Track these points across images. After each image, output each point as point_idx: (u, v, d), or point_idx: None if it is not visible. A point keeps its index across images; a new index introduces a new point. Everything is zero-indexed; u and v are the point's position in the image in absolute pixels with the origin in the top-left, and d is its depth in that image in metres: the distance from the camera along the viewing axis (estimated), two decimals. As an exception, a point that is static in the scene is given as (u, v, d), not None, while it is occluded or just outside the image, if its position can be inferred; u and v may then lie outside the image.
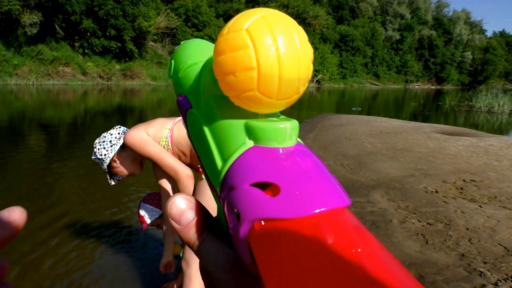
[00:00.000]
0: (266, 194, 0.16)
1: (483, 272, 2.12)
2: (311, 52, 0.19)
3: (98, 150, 1.58)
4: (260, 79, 0.17)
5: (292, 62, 0.17)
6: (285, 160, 0.18)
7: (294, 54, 0.17)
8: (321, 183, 0.17)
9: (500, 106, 14.49)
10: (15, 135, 6.60)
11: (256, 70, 0.17)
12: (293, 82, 0.18)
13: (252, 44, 0.17)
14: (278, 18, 0.18)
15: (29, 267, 2.21)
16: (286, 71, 0.17)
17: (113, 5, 21.89)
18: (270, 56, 0.17)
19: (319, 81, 37.04)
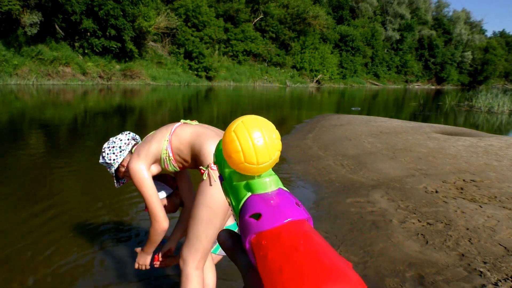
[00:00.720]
0: (255, 220, 0.30)
1: (483, 272, 2.12)
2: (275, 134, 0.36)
3: (107, 155, 1.63)
4: (245, 156, 0.33)
5: (261, 147, 0.33)
6: (266, 199, 0.33)
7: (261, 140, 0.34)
8: (285, 208, 0.31)
9: (500, 106, 14.49)
10: (15, 135, 6.60)
11: (241, 152, 0.32)
12: (264, 154, 0.34)
13: (237, 139, 0.33)
14: (252, 121, 0.35)
15: (29, 266, 2.20)
16: (258, 149, 0.33)
17: (113, 5, 21.87)
18: (248, 143, 0.33)
19: (319, 81, 37.03)
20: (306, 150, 5.84)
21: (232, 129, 0.35)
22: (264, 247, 0.28)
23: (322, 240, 0.26)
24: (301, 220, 0.31)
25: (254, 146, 0.34)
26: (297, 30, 36.13)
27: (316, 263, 0.25)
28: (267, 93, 23.16)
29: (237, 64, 32.25)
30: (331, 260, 0.25)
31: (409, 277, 2.13)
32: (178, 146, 1.50)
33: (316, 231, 0.29)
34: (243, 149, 0.34)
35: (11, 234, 2.65)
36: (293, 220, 0.31)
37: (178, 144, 1.50)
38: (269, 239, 0.29)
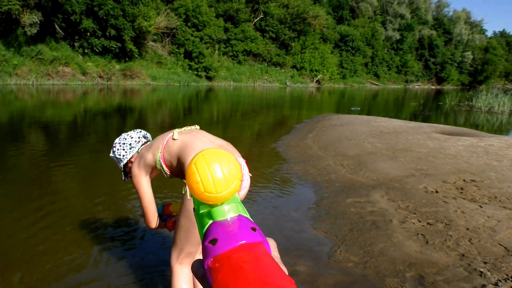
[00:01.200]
0: (212, 245, 0.34)
1: (483, 272, 2.12)
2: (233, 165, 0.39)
3: (118, 150, 1.69)
4: (204, 186, 0.36)
5: (218, 175, 0.37)
6: (224, 226, 0.36)
7: (219, 171, 0.37)
8: (239, 233, 0.34)
9: (500, 106, 14.49)
10: (15, 135, 6.59)
11: (200, 183, 0.36)
12: (222, 184, 0.37)
13: (197, 170, 0.37)
14: (211, 154, 0.39)
15: (29, 265, 2.20)
16: (216, 179, 0.36)
17: (113, 5, 21.86)
18: (206, 174, 0.37)
19: (319, 81, 37.02)
20: (306, 150, 5.83)
21: (193, 162, 0.38)
22: (216, 270, 0.31)
23: (270, 260, 0.31)
24: (253, 243, 0.33)
25: (212, 177, 0.37)
26: (297, 30, 36.11)
27: (258, 280, 0.28)
28: (267, 93, 23.16)
29: (237, 64, 32.23)
30: (273, 278, 0.28)
31: (409, 277, 2.13)
32: (169, 159, 1.55)
33: (267, 253, 0.33)
34: (202, 180, 0.37)
35: (10, 231, 2.64)
36: (245, 243, 0.33)
37: (169, 156, 1.55)
38: (221, 261, 0.32)
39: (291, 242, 2.60)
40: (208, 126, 8.74)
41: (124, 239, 2.64)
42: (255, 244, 0.34)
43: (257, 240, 0.34)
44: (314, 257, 2.40)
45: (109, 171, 4.50)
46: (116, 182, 4.06)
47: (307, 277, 2.16)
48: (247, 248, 0.33)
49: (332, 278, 2.15)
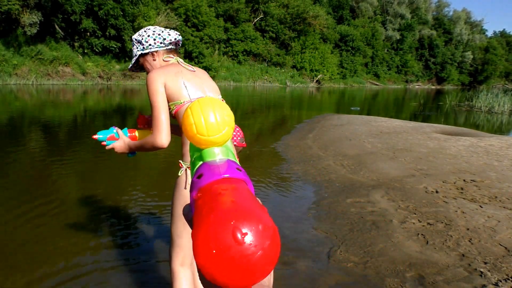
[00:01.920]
0: (198, 179, 0.36)
1: (483, 272, 2.11)
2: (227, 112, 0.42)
3: (147, 37, 1.49)
4: (196, 128, 0.39)
5: (210, 118, 0.40)
6: (211, 165, 0.38)
7: (212, 114, 0.40)
8: (223, 168, 0.36)
9: (500, 106, 14.48)
10: (15, 135, 6.59)
11: (193, 125, 0.37)
12: (214, 127, 0.40)
13: (191, 113, 0.40)
14: (206, 100, 0.42)
15: (28, 264, 2.20)
16: (209, 123, 0.37)
17: (113, 5, 21.85)
18: (199, 117, 0.39)
19: (319, 81, 37.01)
20: (306, 150, 5.83)
21: (189, 106, 0.41)
22: (197, 199, 0.33)
23: (248, 193, 0.34)
24: (235, 178, 0.36)
25: (205, 120, 0.39)
26: (297, 30, 36.09)
27: (233, 205, 0.29)
28: (267, 93, 23.16)
29: (237, 64, 32.21)
30: (249, 204, 0.30)
31: (409, 277, 2.12)
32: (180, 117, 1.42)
33: (247, 188, 0.35)
34: (195, 122, 0.39)
35: (10, 230, 2.64)
36: (228, 177, 0.35)
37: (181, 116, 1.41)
38: (203, 191, 0.34)
39: (291, 242, 2.60)
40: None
41: (124, 238, 2.64)
42: (237, 179, 0.35)
43: (240, 177, 0.35)
44: (314, 257, 2.40)
45: (109, 171, 4.50)
46: (116, 181, 4.06)
47: (307, 277, 2.15)
48: (229, 181, 0.34)
49: (332, 278, 2.14)
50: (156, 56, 1.51)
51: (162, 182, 4.05)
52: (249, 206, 0.30)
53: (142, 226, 2.86)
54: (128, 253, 2.44)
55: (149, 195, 3.56)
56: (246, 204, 0.30)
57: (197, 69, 1.56)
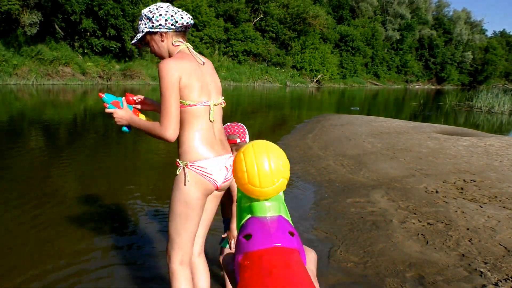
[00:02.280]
0: (245, 240, 0.36)
1: (483, 272, 2.11)
2: (282, 161, 0.41)
3: (159, 15, 1.42)
4: (248, 177, 0.34)
5: (265, 168, 0.34)
6: (261, 223, 0.38)
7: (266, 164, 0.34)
8: (275, 234, 0.33)
9: (500, 106, 14.48)
10: (15, 134, 6.59)
11: (245, 173, 0.34)
12: (268, 178, 0.35)
13: (244, 159, 0.35)
14: (261, 145, 0.34)
15: (29, 264, 2.20)
16: (261, 173, 0.34)
17: (113, 5, 21.83)
18: (253, 165, 0.33)
19: (319, 81, 37.00)
20: (306, 150, 5.83)
21: (242, 150, 0.39)
22: (245, 268, 0.30)
23: (302, 272, 0.29)
24: (288, 249, 0.32)
25: (258, 169, 0.37)
26: (297, 30, 36.07)
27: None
28: (267, 93, 23.16)
29: (237, 64, 32.20)
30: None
31: (409, 277, 2.12)
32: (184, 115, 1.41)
33: (301, 263, 0.31)
34: (248, 170, 0.38)
35: (9, 230, 2.64)
36: (279, 247, 0.32)
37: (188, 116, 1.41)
38: (251, 260, 0.30)
39: (291, 242, 2.60)
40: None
41: (123, 237, 2.64)
42: (290, 250, 0.33)
43: (293, 246, 0.33)
44: (314, 257, 2.40)
45: (108, 171, 4.50)
46: (116, 181, 4.06)
47: (307, 277, 2.15)
48: (281, 253, 0.32)
49: (332, 278, 2.15)
50: (165, 37, 1.46)
51: (162, 182, 4.05)
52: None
53: (142, 225, 2.86)
54: (128, 252, 2.44)
55: (149, 195, 3.56)
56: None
57: (205, 61, 1.53)
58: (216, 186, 1.44)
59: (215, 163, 1.41)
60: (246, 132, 1.86)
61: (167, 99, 1.35)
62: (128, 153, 5.73)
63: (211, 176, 1.40)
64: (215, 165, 1.41)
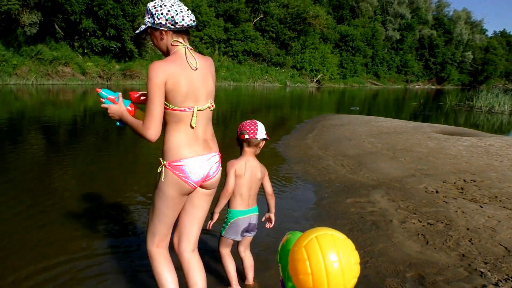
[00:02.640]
0: None
1: (483, 272, 2.11)
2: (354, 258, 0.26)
3: (161, 11, 1.44)
4: (314, 281, 0.23)
5: (335, 271, 0.22)
6: None
7: (337, 266, 0.22)
8: None
9: (500, 106, 14.48)
10: (15, 134, 6.59)
11: (310, 276, 0.23)
12: (338, 283, 0.23)
13: (307, 258, 0.23)
14: (327, 239, 0.26)
15: (29, 264, 2.20)
16: (332, 277, 0.22)
17: (113, 5, 21.82)
18: (320, 267, 0.22)
19: (319, 81, 36.99)
20: (306, 150, 5.83)
21: (303, 244, 0.28)
22: None
23: None
24: None
25: (327, 272, 0.28)
26: (297, 30, 36.07)
27: None
28: (267, 93, 23.16)
29: (237, 64, 32.19)
30: None
31: (409, 277, 2.12)
32: (169, 115, 1.48)
33: None
34: (314, 273, 0.27)
35: (9, 229, 2.64)
36: None
37: (172, 117, 1.48)
38: None
39: (291, 242, 2.60)
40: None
41: (123, 235, 2.64)
42: None
43: None
44: (314, 257, 2.39)
45: (108, 171, 4.50)
46: (115, 180, 4.06)
47: (307, 277, 2.15)
48: None
49: (332, 278, 2.14)
50: (165, 35, 1.49)
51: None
52: None
53: (141, 224, 2.86)
54: (127, 251, 2.43)
55: (149, 193, 3.56)
56: None
57: (202, 63, 1.53)
58: (193, 186, 1.52)
59: (192, 163, 1.48)
60: (258, 128, 1.91)
61: (152, 100, 1.40)
62: (128, 152, 5.73)
63: (187, 177, 1.48)
64: (192, 165, 1.48)
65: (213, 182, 1.60)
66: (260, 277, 2.13)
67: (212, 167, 1.56)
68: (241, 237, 1.97)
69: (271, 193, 2.02)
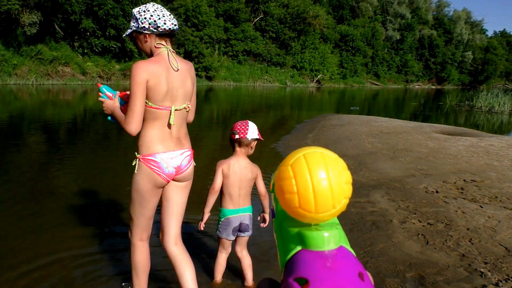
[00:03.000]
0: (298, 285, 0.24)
1: (483, 272, 2.11)
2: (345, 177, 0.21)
3: (145, 17, 1.54)
4: (300, 200, 0.21)
5: (323, 189, 0.20)
6: (319, 261, 0.24)
7: (325, 184, 0.20)
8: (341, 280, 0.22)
9: (500, 106, 14.47)
10: (15, 134, 6.59)
11: (296, 194, 0.21)
12: (327, 201, 0.23)
13: (293, 176, 0.23)
14: (316, 156, 0.25)
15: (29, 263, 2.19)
16: (319, 196, 0.20)
17: (113, 5, 21.83)
18: (307, 185, 0.21)
19: (319, 81, 37.00)
20: (306, 150, 5.82)
21: (290, 162, 0.26)
22: None
23: None
24: None
25: (314, 190, 0.24)
26: (297, 30, 36.07)
27: None
28: (267, 93, 23.15)
29: (237, 64, 32.20)
30: None
31: (409, 277, 2.12)
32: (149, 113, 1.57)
33: None
34: (300, 192, 0.25)
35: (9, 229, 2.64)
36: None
37: (151, 115, 1.57)
38: None
39: (291, 242, 2.59)
40: (208, 126, 8.73)
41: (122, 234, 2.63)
42: None
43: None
44: (314, 257, 2.39)
45: (107, 171, 4.49)
46: (115, 179, 4.06)
47: (307, 277, 2.14)
48: None
49: (332, 278, 2.13)
50: (148, 38, 1.59)
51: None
52: None
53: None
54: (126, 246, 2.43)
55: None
56: None
57: (182, 66, 1.63)
58: (166, 179, 1.62)
59: (164, 157, 1.59)
60: (248, 128, 1.92)
61: (133, 97, 1.51)
62: (128, 151, 5.72)
63: (159, 170, 1.59)
64: (164, 159, 1.59)
65: (186, 175, 1.71)
66: (260, 276, 2.13)
67: (183, 161, 1.67)
68: (234, 237, 1.99)
69: (264, 193, 2.00)
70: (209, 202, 1.94)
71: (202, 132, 7.53)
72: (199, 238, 2.66)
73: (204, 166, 4.01)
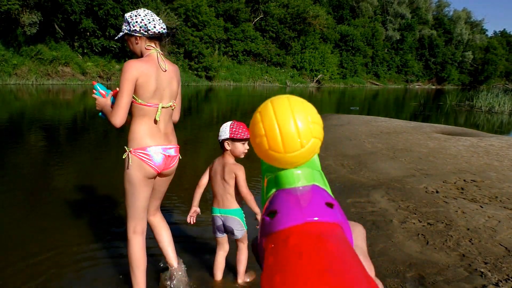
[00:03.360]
0: (269, 219, 0.24)
1: (484, 272, 2.11)
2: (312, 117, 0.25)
3: (137, 21, 1.66)
4: (269, 141, 0.22)
5: (288, 129, 0.21)
6: (290, 196, 0.24)
7: (290, 122, 0.23)
8: (307, 207, 0.22)
9: (500, 106, 14.47)
10: (14, 134, 6.59)
11: (265, 137, 0.22)
12: (294, 140, 0.24)
13: (261, 122, 0.23)
14: (282, 100, 0.27)
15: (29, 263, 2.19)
16: (285, 134, 0.21)
17: (113, 5, 21.83)
18: (273, 126, 0.22)
19: (319, 81, 36.99)
20: (306, 150, 5.82)
21: (259, 109, 0.28)
22: (269, 252, 0.22)
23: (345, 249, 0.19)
24: (325, 223, 0.23)
25: (280, 130, 0.26)
26: (297, 30, 36.07)
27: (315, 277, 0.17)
28: (267, 93, 23.15)
29: (237, 64, 32.20)
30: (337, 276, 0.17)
31: (409, 277, 2.12)
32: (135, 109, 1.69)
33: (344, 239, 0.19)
34: (267, 133, 0.27)
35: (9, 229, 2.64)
36: (312, 222, 0.23)
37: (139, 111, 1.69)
38: (276, 242, 0.22)
39: (291, 242, 2.59)
40: (208, 126, 8.73)
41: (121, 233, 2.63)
42: (328, 224, 0.22)
43: (333, 220, 0.22)
44: (314, 257, 2.39)
45: (107, 170, 4.50)
46: (115, 178, 4.06)
47: (307, 277, 2.14)
48: (315, 229, 0.21)
49: (332, 278, 2.13)
50: (139, 40, 1.71)
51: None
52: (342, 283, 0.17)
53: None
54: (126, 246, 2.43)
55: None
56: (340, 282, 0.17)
57: (170, 67, 1.76)
58: (156, 169, 1.72)
59: (154, 150, 1.69)
60: (221, 129, 1.91)
61: (121, 92, 1.61)
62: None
63: (150, 162, 1.68)
64: (154, 152, 1.69)
65: (173, 169, 1.86)
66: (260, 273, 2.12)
67: (172, 155, 1.79)
68: (221, 235, 2.01)
69: (245, 194, 1.90)
70: (194, 196, 2.01)
71: (202, 132, 7.53)
72: (199, 238, 2.66)
73: (204, 166, 4.01)
